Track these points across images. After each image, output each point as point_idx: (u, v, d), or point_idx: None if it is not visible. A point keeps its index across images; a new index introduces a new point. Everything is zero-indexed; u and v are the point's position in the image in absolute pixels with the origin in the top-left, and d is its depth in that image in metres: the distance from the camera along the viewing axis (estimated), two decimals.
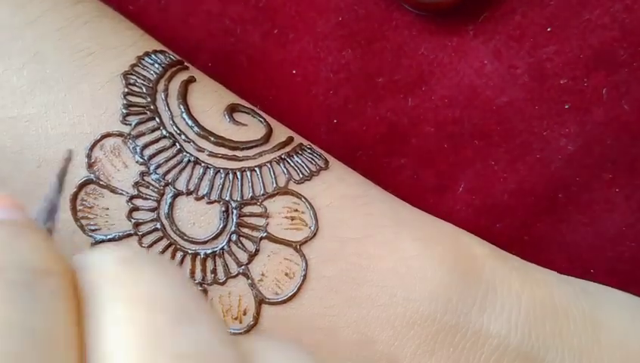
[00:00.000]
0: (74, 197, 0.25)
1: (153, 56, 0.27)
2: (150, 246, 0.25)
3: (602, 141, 0.30)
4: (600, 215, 0.30)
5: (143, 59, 0.26)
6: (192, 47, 0.32)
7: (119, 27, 0.27)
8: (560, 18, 0.30)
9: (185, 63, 0.28)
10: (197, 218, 0.25)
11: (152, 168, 0.25)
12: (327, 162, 0.27)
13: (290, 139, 0.27)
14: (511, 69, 0.30)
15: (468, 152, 0.30)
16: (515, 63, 0.30)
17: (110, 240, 0.25)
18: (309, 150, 0.27)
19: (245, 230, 0.25)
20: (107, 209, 0.25)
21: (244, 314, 0.25)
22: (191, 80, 0.27)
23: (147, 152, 0.25)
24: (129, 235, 0.25)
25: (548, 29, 0.30)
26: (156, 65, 0.27)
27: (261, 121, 0.27)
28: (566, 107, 0.30)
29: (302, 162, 0.26)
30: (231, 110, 0.27)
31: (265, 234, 0.25)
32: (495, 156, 0.30)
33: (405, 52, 0.31)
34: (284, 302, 0.25)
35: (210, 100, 0.27)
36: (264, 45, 0.31)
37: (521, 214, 0.30)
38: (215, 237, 0.25)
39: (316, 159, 0.27)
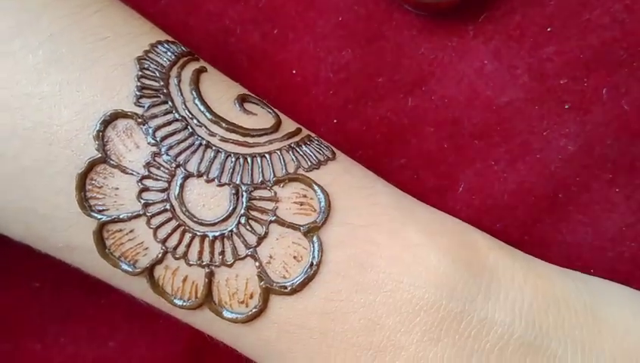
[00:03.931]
0: (83, 176, 0.25)
1: (165, 45, 0.27)
2: (159, 227, 0.25)
3: (602, 141, 0.30)
4: (600, 215, 0.30)
5: (156, 46, 0.27)
6: (192, 47, 0.32)
7: (130, 17, 0.28)
8: (560, 18, 0.30)
9: (196, 55, 0.28)
10: (207, 201, 0.25)
11: (163, 149, 0.25)
12: (334, 153, 0.27)
13: (299, 130, 0.27)
14: (511, 69, 0.30)
15: (468, 152, 0.30)
16: (515, 63, 0.30)
17: (118, 221, 0.25)
18: (316, 141, 0.27)
19: (254, 213, 0.25)
20: (117, 188, 0.25)
21: (250, 297, 0.25)
22: (203, 70, 0.27)
23: (160, 134, 0.25)
24: (138, 216, 0.25)
25: (548, 29, 0.30)
26: (169, 53, 0.27)
27: (270, 112, 0.27)
28: (566, 107, 0.30)
29: (311, 151, 0.27)
30: (242, 99, 0.27)
31: (274, 217, 0.25)
32: (495, 156, 0.30)
33: (405, 52, 0.31)
34: (292, 285, 0.25)
35: (221, 88, 0.27)
36: (264, 45, 0.31)
37: (521, 214, 0.30)
38: (225, 219, 0.25)
39: (324, 150, 0.27)
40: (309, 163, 0.26)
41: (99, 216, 0.25)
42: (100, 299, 0.33)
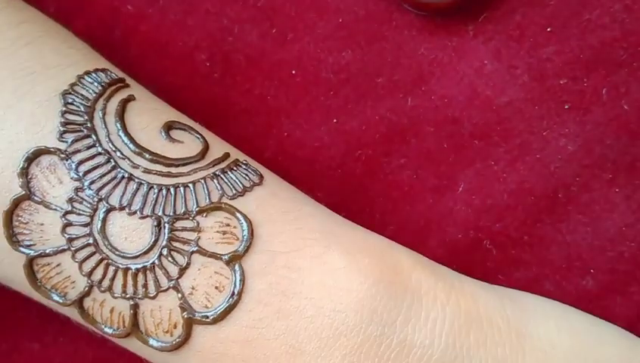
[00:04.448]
0: (9, 213, 0.25)
1: (93, 75, 0.27)
2: (83, 261, 0.25)
3: (602, 141, 0.30)
4: (600, 215, 0.30)
5: (83, 78, 0.27)
6: (190, 46, 0.32)
7: (62, 46, 0.28)
8: (560, 18, 0.30)
9: (127, 81, 0.28)
10: (129, 233, 0.25)
11: (86, 184, 0.25)
12: (261, 177, 0.27)
13: (227, 155, 0.27)
14: (511, 69, 0.30)
15: (468, 152, 0.30)
16: (515, 63, 0.30)
17: (45, 255, 0.26)
18: (244, 166, 0.27)
19: (176, 244, 0.25)
20: (42, 224, 0.25)
21: (175, 327, 0.25)
22: (130, 99, 0.27)
23: (82, 168, 0.25)
24: (63, 250, 0.25)
25: (548, 29, 0.30)
26: (96, 84, 0.27)
27: (198, 137, 0.27)
28: (566, 107, 0.30)
29: (237, 178, 0.27)
30: (168, 127, 0.27)
31: (196, 247, 0.25)
32: (495, 156, 0.30)
33: (405, 52, 0.31)
34: (214, 315, 0.25)
35: (148, 117, 0.27)
36: (262, 45, 0.31)
37: (521, 214, 0.30)
38: (147, 252, 0.25)
39: (250, 175, 0.27)
40: (234, 191, 0.26)
41: (27, 251, 0.26)
42: None
